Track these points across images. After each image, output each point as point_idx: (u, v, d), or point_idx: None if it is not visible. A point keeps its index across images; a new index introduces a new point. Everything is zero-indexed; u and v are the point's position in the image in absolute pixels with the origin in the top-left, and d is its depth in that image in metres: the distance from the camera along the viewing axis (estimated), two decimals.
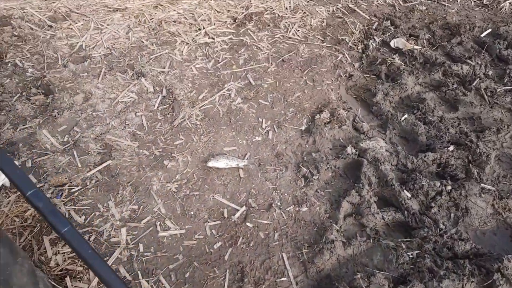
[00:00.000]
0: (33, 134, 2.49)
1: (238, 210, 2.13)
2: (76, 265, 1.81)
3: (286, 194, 2.24)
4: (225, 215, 2.10)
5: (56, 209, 1.15)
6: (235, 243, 1.99)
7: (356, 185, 2.27)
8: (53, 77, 2.90)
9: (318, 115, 2.73)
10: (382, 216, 2.11)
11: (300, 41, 3.54)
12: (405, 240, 2.01)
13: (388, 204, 2.24)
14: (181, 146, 2.49)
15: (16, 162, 2.19)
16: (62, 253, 1.84)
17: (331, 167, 2.37)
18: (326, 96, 2.98)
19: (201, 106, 2.80)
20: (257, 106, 2.84)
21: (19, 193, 2.09)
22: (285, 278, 1.86)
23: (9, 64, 3.00)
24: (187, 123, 2.64)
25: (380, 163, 2.35)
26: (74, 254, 1.85)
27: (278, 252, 1.96)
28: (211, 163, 2.32)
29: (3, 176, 2.32)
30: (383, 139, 2.61)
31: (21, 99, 2.76)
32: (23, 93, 2.81)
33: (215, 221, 2.08)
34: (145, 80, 2.97)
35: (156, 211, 2.09)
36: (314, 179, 2.31)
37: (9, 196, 2.08)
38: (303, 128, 2.70)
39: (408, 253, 1.90)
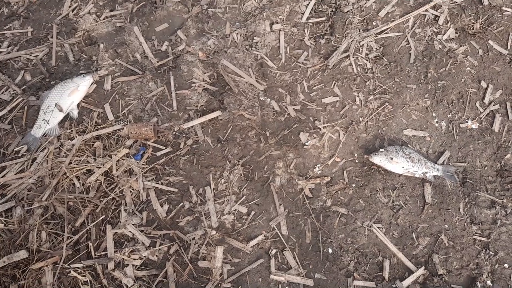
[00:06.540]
0: (121, 30, 1.66)
1: (411, 272, 1.20)
2: None
3: (506, 264, 1.21)
4: (386, 274, 1.20)
5: None
6: None
7: None
8: None
9: None
10: None
11: None
12: None
13: None
14: (332, 109, 1.47)
15: (89, 79, 1.47)
16: (133, 266, 1.20)
17: None
18: None
19: (380, 32, 1.61)
20: (482, 54, 1.55)
21: (87, 136, 1.40)
22: None
23: None
24: (351, 64, 1.54)
25: None
26: (150, 277, 1.21)
27: None
28: (378, 159, 1.31)
29: (70, 99, 1.62)
30: None
31: None
32: None
33: (366, 280, 1.20)
34: None
35: (274, 228, 1.28)
36: None
37: (73, 137, 1.41)
38: None
39: None
